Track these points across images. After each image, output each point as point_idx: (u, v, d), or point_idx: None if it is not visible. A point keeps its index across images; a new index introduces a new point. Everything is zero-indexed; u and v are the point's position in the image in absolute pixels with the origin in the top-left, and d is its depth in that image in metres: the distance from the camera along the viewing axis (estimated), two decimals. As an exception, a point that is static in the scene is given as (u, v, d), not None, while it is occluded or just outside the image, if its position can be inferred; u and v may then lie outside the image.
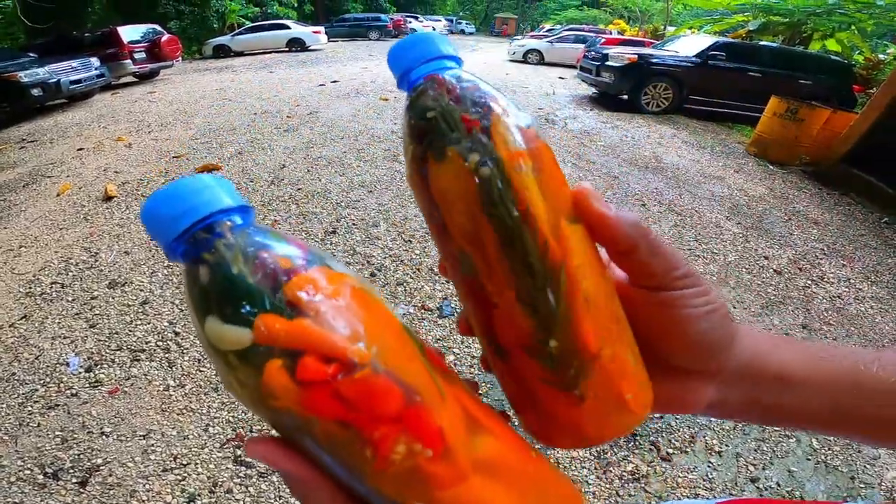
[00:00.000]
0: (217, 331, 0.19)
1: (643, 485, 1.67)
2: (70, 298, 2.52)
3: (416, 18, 30.58)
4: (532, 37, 19.19)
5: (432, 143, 0.23)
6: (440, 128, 0.23)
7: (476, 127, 0.23)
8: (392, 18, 25.21)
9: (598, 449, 1.78)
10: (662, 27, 19.54)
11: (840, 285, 3.05)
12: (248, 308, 0.19)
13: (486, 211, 0.22)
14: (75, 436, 1.76)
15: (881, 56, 11.36)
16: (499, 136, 0.23)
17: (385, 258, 2.88)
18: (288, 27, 16.92)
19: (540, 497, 0.23)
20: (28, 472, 1.63)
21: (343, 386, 0.19)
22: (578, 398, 0.24)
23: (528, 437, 0.28)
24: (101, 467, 1.64)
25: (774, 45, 9.17)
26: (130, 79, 10.24)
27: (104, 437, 1.76)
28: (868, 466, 1.81)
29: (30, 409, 1.87)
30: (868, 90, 8.77)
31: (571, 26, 21.79)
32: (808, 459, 1.82)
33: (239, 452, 1.70)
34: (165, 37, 10.50)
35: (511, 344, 0.24)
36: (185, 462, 1.67)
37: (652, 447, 1.81)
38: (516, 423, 0.28)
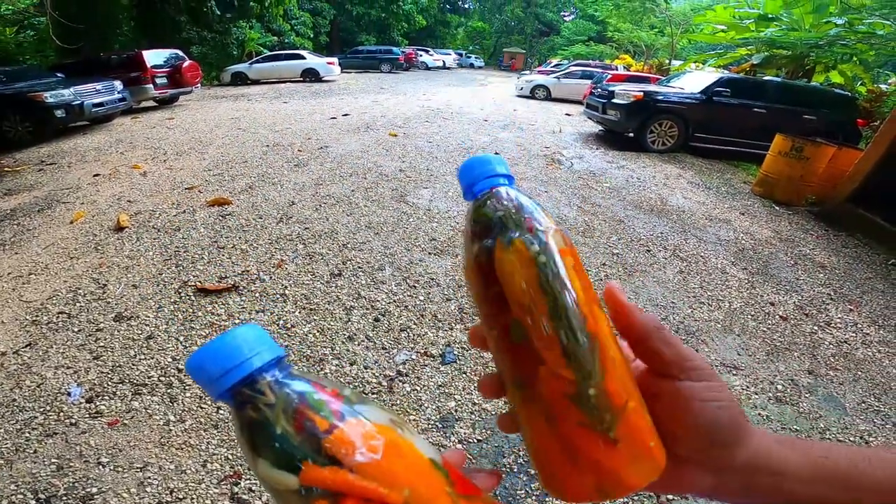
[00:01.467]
0: (268, 473, 0.23)
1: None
2: (76, 329, 2.54)
3: (427, 52, 31.43)
4: (539, 72, 19.66)
5: (502, 233, 0.30)
6: (508, 224, 0.31)
7: (535, 227, 0.30)
8: (404, 51, 25.96)
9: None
10: (668, 62, 19.94)
11: (847, 330, 3.02)
12: (294, 460, 0.23)
13: (543, 288, 0.29)
14: (71, 464, 1.76)
15: (883, 86, 11.45)
16: (550, 236, 0.30)
17: (389, 303, 2.88)
18: (303, 57, 17.49)
19: None
20: (20, 496, 1.63)
21: None
22: (613, 441, 0.28)
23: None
24: (96, 496, 1.64)
25: (778, 79, 9.21)
26: (151, 103, 10.53)
27: (100, 466, 1.75)
28: None
29: (27, 435, 1.88)
30: (871, 123, 8.81)
31: (578, 62, 22.28)
32: None
33: (236, 490, 1.69)
34: (187, 62, 10.80)
35: (554, 394, 0.29)
36: (181, 496, 1.65)
37: (650, 493, 1.77)
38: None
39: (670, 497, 1.76)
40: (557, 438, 0.29)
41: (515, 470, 1.84)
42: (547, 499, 1.72)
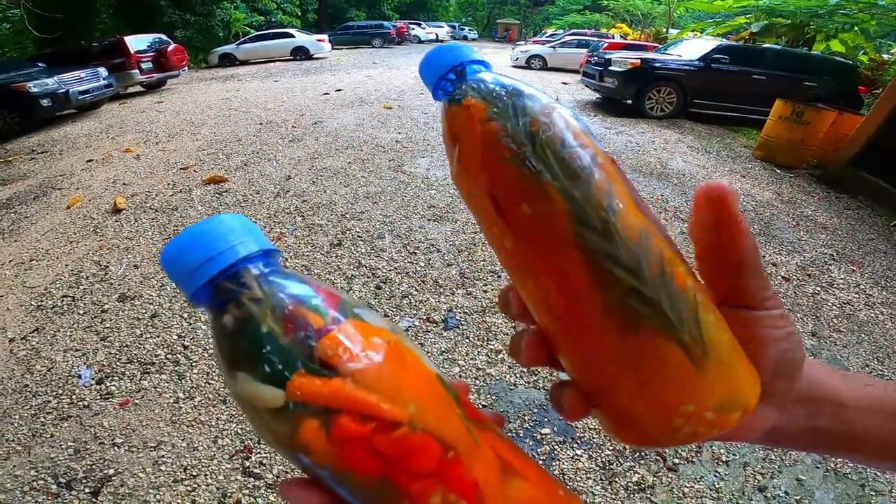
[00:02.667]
0: (249, 389, 0.19)
1: (649, 495, 1.65)
2: (81, 311, 2.55)
3: (419, 25, 30.73)
4: (535, 42, 19.25)
5: (488, 115, 0.24)
6: (498, 108, 0.24)
7: (526, 103, 0.24)
8: (395, 25, 25.38)
9: (604, 459, 1.77)
10: (665, 30, 19.53)
11: (850, 291, 3.02)
12: (280, 368, 0.19)
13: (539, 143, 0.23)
14: (88, 447, 1.78)
15: (885, 56, 11.31)
16: (549, 108, 0.24)
17: (390, 270, 2.89)
18: (292, 35, 17.08)
19: None
20: (42, 481, 1.65)
21: (381, 444, 0.19)
22: (703, 353, 0.22)
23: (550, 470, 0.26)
24: (113, 478, 1.66)
25: (778, 47, 9.14)
26: (138, 88, 10.36)
27: (116, 448, 1.77)
28: (878, 475, 1.79)
29: (42, 420, 1.89)
30: (874, 91, 8.73)
31: (574, 31, 21.82)
32: (818, 468, 1.80)
33: (248, 464, 1.71)
34: (172, 46, 10.59)
35: (609, 295, 0.22)
36: (195, 473, 1.68)
37: (658, 457, 1.79)
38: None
39: (677, 461, 1.79)
40: (621, 359, 0.23)
41: (521, 435, 1.86)
42: (553, 463, 1.75)
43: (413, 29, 28.56)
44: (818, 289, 3.01)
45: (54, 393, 2.02)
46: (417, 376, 0.22)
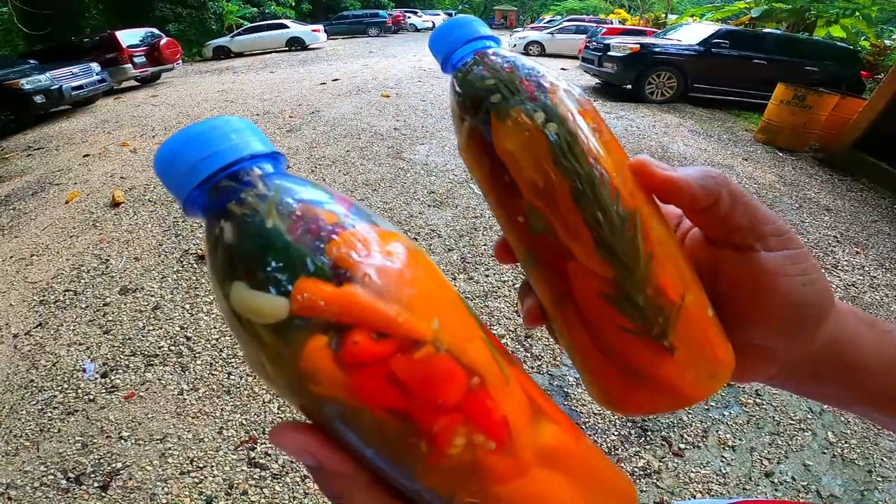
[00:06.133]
0: (246, 300, 0.16)
1: (655, 480, 1.65)
2: (83, 305, 2.54)
3: (415, 13, 30.44)
4: (532, 28, 19.06)
5: (496, 106, 0.23)
6: (502, 92, 0.24)
7: (536, 90, 0.24)
8: (391, 14, 25.12)
9: (609, 445, 1.77)
10: (664, 15, 19.33)
11: (854, 273, 3.01)
12: (284, 272, 0.16)
13: (558, 165, 0.22)
14: (95, 441, 1.78)
15: (887, 42, 11.21)
16: (558, 98, 0.24)
17: (392, 257, 2.89)
18: (287, 26, 16.91)
19: (600, 489, 0.21)
20: (51, 477, 1.66)
21: (400, 367, 0.16)
22: (668, 349, 0.23)
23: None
24: (122, 471, 1.66)
25: (779, 32, 9.08)
26: (132, 83, 10.26)
27: (123, 441, 1.77)
28: (885, 460, 1.78)
29: (49, 415, 1.89)
30: (876, 76, 8.68)
31: (572, 17, 21.60)
32: (825, 453, 1.79)
33: (253, 454, 1.71)
34: (164, 40, 10.46)
35: (590, 297, 0.23)
36: (201, 465, 1.68)
37: (664, 442, 1.79)
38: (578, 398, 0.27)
39: (682, 446, 1.79)
40: (600, 349, 0.24)
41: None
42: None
43: (409, 17, 28.26)
44: (822, 271, 2.99)
45: (60, 387, 2.02)
46: (440, 289, 0.19)
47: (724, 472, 1.70)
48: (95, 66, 8.15)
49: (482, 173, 0.25)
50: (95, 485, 1.62)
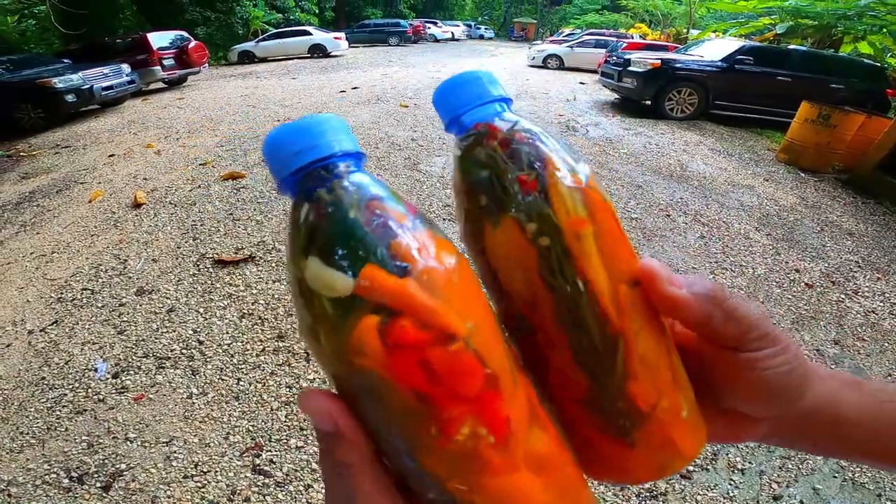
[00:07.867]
0: (319, 273, 0.19)
1: (661, 502, 1.63)
2: (100, 305, 2.58)
3: (435, 24, 30.72)
4: (552, 42, 19.09)
5: (488, 208, 0.23)
6: (496, 192, 0.23)
7: (533, 190, 0.23)
8: (411, 24, 25.43)
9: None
10: (685, 31, 19.21)
11: (875, 299, 2.93)
12: (356, 256, 0.19)
13: (546, 281, 0.22)
14: (101, 441, 1.79)
15: None
16: (558, 201, 0.23)
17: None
18: (310, 33, 17.27)
19: (574, 501, 0.23)
20: (54, 475, 1.67)
21: (433, 355, 0.18)
22: (629, 444, 0.24)
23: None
24: (125, 472, 1.67)
25: (804, 48, 8.95)
26: (160, 85, 10.53)
27: (128, 442, 1.79)
28: (895, 484, 1.75)
29: (58, 413, 1.92)
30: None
31: (592, 31, 21.60)
32: (835, 477, 1.76)
33: (258, 461, 1.71)
34: (193, 43, 10.75)
35: (563, 396, 0.24)
36: (205, 469, 1.68)
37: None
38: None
39: (691, 468, 1.74)
40: (568, 432, 0.25)
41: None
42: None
43: (429, 28, 28.56)
44: (842, 296, 2.92)
45: (70, 386, 2.05)
46: (477, 297, 0.21)
47: (731, 495, 1.66)
48: (126, 68, 8.38)
49: (477, 264, 0.25)
50: (97, 485, 1.63)
